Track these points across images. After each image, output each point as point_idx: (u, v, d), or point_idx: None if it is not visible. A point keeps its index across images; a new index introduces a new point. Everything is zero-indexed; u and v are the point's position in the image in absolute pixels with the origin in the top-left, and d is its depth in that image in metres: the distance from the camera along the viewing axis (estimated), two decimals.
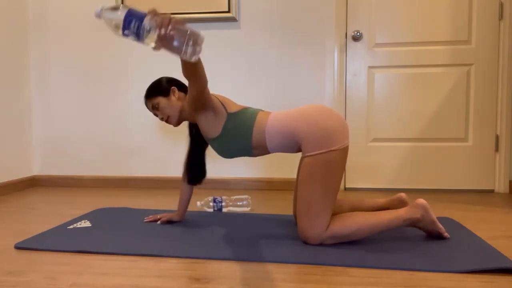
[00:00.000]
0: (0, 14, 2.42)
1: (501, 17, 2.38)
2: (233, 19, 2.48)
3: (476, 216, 1.83)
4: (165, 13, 0.93)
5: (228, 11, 2.46)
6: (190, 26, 0.94)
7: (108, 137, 2.66)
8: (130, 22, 0.90)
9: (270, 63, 2.51)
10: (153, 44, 0.92)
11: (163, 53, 2.57)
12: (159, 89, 1.56)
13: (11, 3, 2.50)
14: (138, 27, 0.90)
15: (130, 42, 2.59)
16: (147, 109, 2.53)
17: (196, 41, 0.92)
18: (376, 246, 1.36)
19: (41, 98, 2.70)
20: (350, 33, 2.47)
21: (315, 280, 1.11)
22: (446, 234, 1.43)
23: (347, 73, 2.50)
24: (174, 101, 1.55)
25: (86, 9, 2.61)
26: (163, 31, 0.90)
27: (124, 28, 0.90)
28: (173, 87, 1.56)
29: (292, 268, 1.19)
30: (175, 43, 0.91)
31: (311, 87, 2.49)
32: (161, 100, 1.54)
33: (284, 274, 1.15)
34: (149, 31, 0.91)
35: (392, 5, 2.44)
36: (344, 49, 2.47)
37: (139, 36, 0.91)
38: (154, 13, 0.92)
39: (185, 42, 0.90)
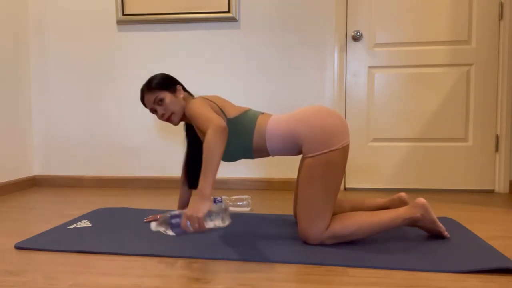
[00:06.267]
0: (0, 15, 2.42)
1: (501, 17, 2.38)
2: (233, 19, 2.48)
3: (476, 216, 1.83)
4: (192, 214, 1.18)
5: (228, 11, 2.46)
6: (216, 212, 1.21)
7: (108, 137, 2.66)
8: (176, 233, 1.26)
9: (270, 63, 2.51)
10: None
11: (164, 53, 2.57)
12: (166, 84, 1.52)
13: (11, 4, 2.50)
14: (181, 232, 1.25)
15: (130, 43, 2.59)
16: (147, 109, 2.51)
17: (223, 219, 1.22)
18: (376, 246, 1.36)
19: (41, 98, 2.70)
20: (350, 33, 2.47)
21: (315, 280, 1.11)
22: (446, 234, 1.43)
23: (347, 73, 2.49)
24: (180, 99, 1.53)
25: (86, 9, 2.61)
26: (195, 231, 1.21)
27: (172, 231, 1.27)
28: (178, 86, 1.56)
29: (292, 268, 1.19)
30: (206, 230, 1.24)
31: (311, 87, 2.49)
32: (167, 95, 1.50)
33: (284, 274, 1.15)
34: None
35: (392, 5, 2.44)
36: (344, 49, 2.47)
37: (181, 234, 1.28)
38: (185, 223, 1.20)
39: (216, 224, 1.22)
